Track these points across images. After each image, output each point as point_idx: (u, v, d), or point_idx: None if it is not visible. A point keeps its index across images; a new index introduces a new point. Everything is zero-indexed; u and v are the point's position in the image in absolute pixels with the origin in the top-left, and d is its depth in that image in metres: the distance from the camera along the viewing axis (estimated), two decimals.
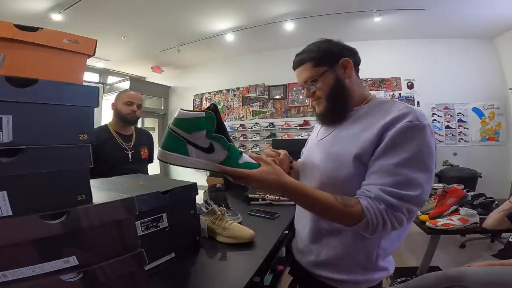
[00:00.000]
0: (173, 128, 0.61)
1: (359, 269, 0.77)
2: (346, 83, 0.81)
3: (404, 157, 0.66)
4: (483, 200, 1.74)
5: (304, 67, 0.84)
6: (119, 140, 1.71)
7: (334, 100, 0.82)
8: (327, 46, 0.83)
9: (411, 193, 0.65)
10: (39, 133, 0.50)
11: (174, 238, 0.88)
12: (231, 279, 0.80)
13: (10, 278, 0.45)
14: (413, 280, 1.09)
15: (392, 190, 0.65)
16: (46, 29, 0.52)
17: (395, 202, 0.65)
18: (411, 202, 0.66)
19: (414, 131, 0.68)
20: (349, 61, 0.81)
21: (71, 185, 0.53)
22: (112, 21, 3.84)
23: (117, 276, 0.56)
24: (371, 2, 3.51)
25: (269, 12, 3.80)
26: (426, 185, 0.67)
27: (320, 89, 0.82)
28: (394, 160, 0.67)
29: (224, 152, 0.63)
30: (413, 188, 0.65)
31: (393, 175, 0.66)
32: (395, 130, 0.68)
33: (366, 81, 4.73)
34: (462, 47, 4.40)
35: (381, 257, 0.77)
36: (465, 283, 0.91)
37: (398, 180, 0.66)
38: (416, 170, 0.66)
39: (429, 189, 0.68)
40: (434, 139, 0.71)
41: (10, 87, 0.46)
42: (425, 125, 0.69)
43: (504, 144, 4.28)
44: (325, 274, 0.81)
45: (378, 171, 0.69)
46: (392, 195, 0.65)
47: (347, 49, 0.84)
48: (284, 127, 5.14)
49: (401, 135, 0.68)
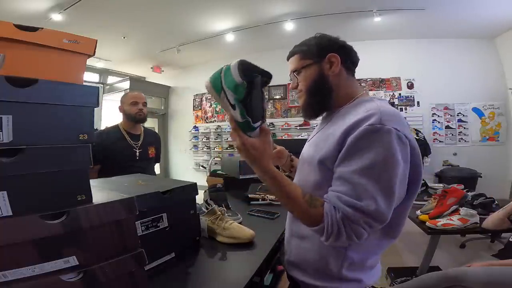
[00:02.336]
0: (222, 73, 0.69)
1: (325, 276, 0.75)
2: (330, 79, 0.78)
3: (361, 166, 0.62)
4: (483, 200, 1.74)
5: (293, 58, 0.84)
6: (128, 139, 1.79)
7: (313, 94, 0.80)
8: (319, 40, 0.81)
9: (366, 205, 0.60)
10: (39, 133, 0.50)
11: (174, 238, 0.88)
12: (231, 279, 0.80)
13: (10, 278, 0.45)
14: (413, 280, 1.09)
15: (347, 200, 0.62)
16: (46, 29, 0.52)
17: (350, 213, 0.61)
18: (368, 216, 0.61)
19: (375, 136, 0.62)
20: (336, 57, 0.77)
21: (71, 185, 0.53)
22: (112, 21, 3.84)
23: (117, 276, 0.56)
24: (371, 2, 3.51)
25: (269, 12, 3.80)
26: (379, 198, 0.60)
27: (302, 81, 0.81)
28: (352, 168, 0.63)
29: (241, 118, 0.66)
30: (368, 199, 0.61)
31: (349, 183, 0.63)
32: (355, 135, 0.64)
33: (366, 81, 4.74)
34: (462, 47, 4.40)
35: (349, 268, 0.73)
36: (465, 283, 0.92)
37: (354, 190, 0.62)
38: (372, 180, 0.61)
39: (387, 203, 0.62)
40: (404, 144, 0.64)
41: (10, 87, 0.46)
42: (389, 129, 0.62)
43: (504, 144, 4.28)
44: (295, 275, 0.81)
45: (338, 177, 0.66)
46: (348, 205, 0.61)
47: (340, 45, 0.80)
48: (284, 127, 5.15)
49: (360, 140, 0.64)
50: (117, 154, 1.71)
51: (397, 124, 0.64)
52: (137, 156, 1.78)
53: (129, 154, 1.76)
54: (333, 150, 0.68)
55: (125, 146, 1.77)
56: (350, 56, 0.81)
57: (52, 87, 0.52)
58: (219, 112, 5.87)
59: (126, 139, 1.78)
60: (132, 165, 1.68)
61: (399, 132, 0.63)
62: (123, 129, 1.81)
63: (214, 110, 5.92)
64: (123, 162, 1.70)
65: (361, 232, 0.62)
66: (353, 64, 0.82)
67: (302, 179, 0.81)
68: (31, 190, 0.49)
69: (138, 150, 1.79)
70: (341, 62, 0.78)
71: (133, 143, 1.79)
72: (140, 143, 1.82)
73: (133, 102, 1.79)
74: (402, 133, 0.64)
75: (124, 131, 1.80)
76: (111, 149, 1.69)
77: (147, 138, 1.89)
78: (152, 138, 1.96)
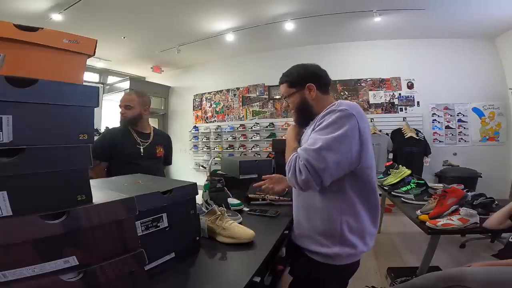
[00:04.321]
0: None
1: (329, 239, 0.96)
2: (310, 101, 1.08)
3: (319, 128, 0.93)
4: (483, 200, 1.74)
5: (283, 85, 1.13)
6: (135, 136, 1.81)
7: (300, 113, 1.12)
8: (301, 73, 1.10)
9: (311, 147, 0.89)
10: (39, 133, 0.50)
11: (174, 238, 0.88)
12: (231, 279, 0.80)
13: (10, 278, 0.45)
14: (413, 280, 1.09)
15: (304, 147, 0.92)
16: (46, 29, 0.52)
17: (300, 152, 0.92)
18: (309, 154, 0.88)
19: (331, 113, 0.93)
20: (312, 86, 1.07)
21: (71, 185, 0.53)
22: (112, 21, 3.84)
23: (117, 276, 0.56)
24: (371, 2, 3.51)
25: (269, 12, 3.80)
26: (323, 142, 0.88)
27: (291, 103, 1.12)
28: (316, 132, 0.93)
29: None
30: (315, 144, 0.88)
31: (311, 139, 0.93)
32: (321, 115, 0.97)
33: (366, 81, 4.74)
34: (462, 47, 4.39)
35: (349, 231, 0.95)
36: (465, 283, 0.92)
37: (310, 142, 0.92)
38: (322, 135, 0.89)
39: (324, 149, 0.87)
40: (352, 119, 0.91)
41: (10, 87, 0.46)
42: (342, 109, 0.92)
43: (504, 144, 4.28)
44: (302, 243, 1.05)
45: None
46: (302, 149, 0.92)
47: (315, 74, 1.09)
48: (284, 127, 5.14)
49: (325, 117, 0.95)
50: (123, 151, 1.74)
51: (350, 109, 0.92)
52: (141, 153, 1.79)
53: (133, 151, 1.78)
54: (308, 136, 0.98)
55: (130, 142, 1.79)
56: (323, 80, 1.10)
57: (52, 87, 0.51)
58: (219, 112, 5.87)
59: (132, 136, 1.80)
60: (137, 163, 1.70)
61: (349, 111, 0.92)
62: (130, 127, 1.83)
63: (214, 110, 5.92)
64: (128, 159, 1.73)
65: (302, 167, 0.89)
66: (326, 86, 1.11)
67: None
68: (31, 190, 0.49)
69: (143, 147, 1.81)
70: (316, 88, 1.07)
71: (140, 140, 1.81)
72: (149, 142, 1.84)
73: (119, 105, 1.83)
74: (351, 112, 0.92)
75: (131, 129, 1.82)
76: (118, 146, 1.73)
77: (156, 137, 1.91)
78: (161, 139, 1.97)
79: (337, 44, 4.77)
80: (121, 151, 1.73)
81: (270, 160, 2.22)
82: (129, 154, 1.75)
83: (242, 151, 5.47)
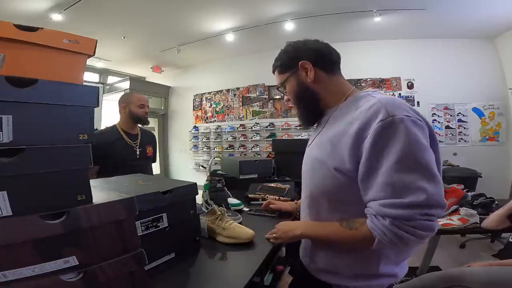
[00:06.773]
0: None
1: (362, 276, 0.75)
2: (310, 85, 0.80)
3: (390, 164, 0.60)
4: (483, 200, 1.74)
5: (276, 74, 0.89)
6: (126, 138, 1.83)
7: (301, 104, 0.85)
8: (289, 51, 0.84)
9: (415, 199, 0.58)
10: (39, 133, 0.50)
11: (174, 238, 0.88)
12: (231, 279, 0.80)
13: (10, 278, 0.45)
14: (413, 280, 1.09)
15: (393, 202, 0.59)
16: (46, 29, 0.52)
17: (403, 213, 0.58)
18: (422, 207, 0.58)
19: (391, 130, 0.61)
20: (307, 63, 0.79)
21: (71, 185, 0.53)
22: (112, 21, 3.83)
23: (117, 276, 0.56)
24: (371, 2, 3.51)
25: (269, 12, 3.80)
26: (424, 185, 0.59)
27: (288, 93, 0.86)
28: (382, 170, 0.61)
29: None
30: (414, 191, 0.58)
31: (386, 186, 0.60)
32: (371, 136, 0.62)
33: (366, 81, 4.73)
34: (462, 47, 4.39)
35: (385, 264, 0.74)
36: (465, 283, 0.91)
37: (394, 190, 0.60)
38: (408, 171, 0.59)
39: (434, 186, 0.60)
40: (420, 126, 0.63)
41: (10, 87, 0.46)
42: (401, 118, 0.61)
43: (504, 144, 4.27)
44: (328, 279, 0.80)
45: (372, 185, 0.63)
46: (395, 207, 0.59)
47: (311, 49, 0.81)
48: (284, 127, 5.14)
49: (378, 140, 0.61)
50: (117, 154, 1.74)
51: (404, 110, 0.64)
52: (138, 155, 1.82)
53: (130, 153, 1.80)
54: (348, 156, 0.67)
55: (125, 145, 1.80)
56: (323, 56, 0.81)
57: (52, 87, 0.51)
58: (219, 112, 5.87)
59: (124, 139, 1.81)
60: (133, 164, 1.72)
61: (411, 117, 0.63)
62: (121, 129, 1.84)
63: (214, 110, 5.92)
64: (124, 161, 1.74)
65: (424, 224, 0.59)
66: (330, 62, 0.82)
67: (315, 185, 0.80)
68: (31, 190, 0.49)
69: (138, 149, 1.84)
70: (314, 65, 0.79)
71: (132, 143, 1.83)
72: (139, 142, 1.87)
73: (141, 104, 1.86)
74: (414, 117, 0.63)
75: (122, 131, 1.83)
76: (111, 149, 1.72)
77: (144, 137, 1.94)
78: (148, 138, 2.00)
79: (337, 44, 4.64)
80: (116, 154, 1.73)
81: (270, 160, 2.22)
82: (125, 156, 1.77)
83: (242, 151, 5.47)
